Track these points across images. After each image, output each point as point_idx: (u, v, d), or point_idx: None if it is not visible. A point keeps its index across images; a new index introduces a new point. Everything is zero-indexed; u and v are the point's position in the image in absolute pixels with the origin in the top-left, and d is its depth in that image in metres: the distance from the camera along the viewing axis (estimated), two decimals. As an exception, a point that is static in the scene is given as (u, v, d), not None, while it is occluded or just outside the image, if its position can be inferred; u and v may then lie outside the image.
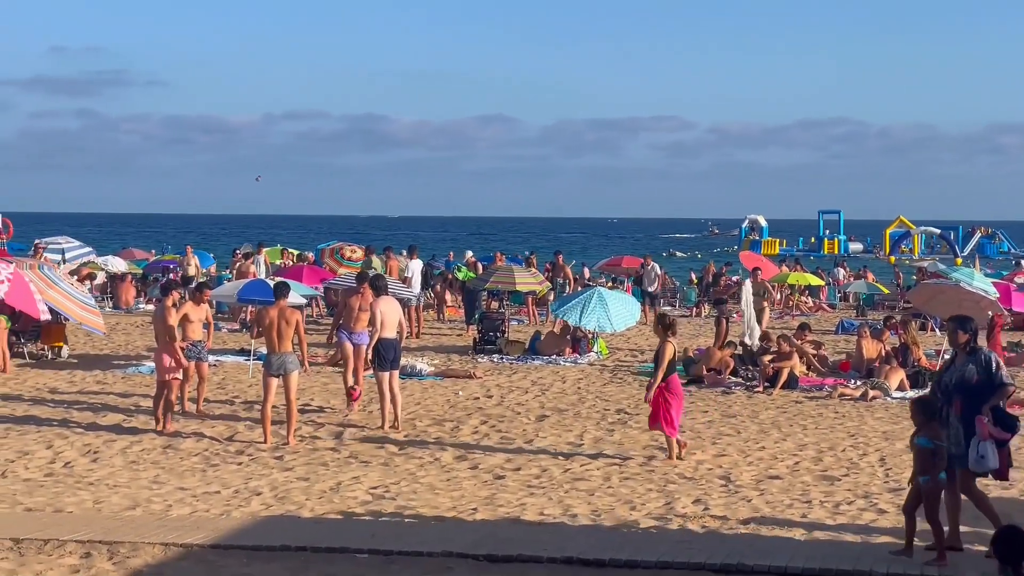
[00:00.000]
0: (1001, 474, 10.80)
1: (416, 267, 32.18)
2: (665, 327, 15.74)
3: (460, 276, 36.16)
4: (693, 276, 45.07)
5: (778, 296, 39.11)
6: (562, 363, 25.20)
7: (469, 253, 47.57)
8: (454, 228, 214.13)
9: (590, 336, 26.37)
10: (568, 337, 26.48)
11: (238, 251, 40.24)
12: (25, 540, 10.87)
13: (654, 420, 15.52)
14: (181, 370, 17.43)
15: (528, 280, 31.09)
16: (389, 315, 17.22)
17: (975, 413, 10.53)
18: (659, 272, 39.19)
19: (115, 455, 15.38)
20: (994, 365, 10.80)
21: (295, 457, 15.34)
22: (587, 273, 43.53)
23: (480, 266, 38.23)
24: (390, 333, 17.19)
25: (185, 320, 18.22)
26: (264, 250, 38.31)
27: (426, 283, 34.25)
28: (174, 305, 17.90)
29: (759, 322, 25.79)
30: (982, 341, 19.95)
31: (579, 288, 32.09)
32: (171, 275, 38.23)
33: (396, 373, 17.38)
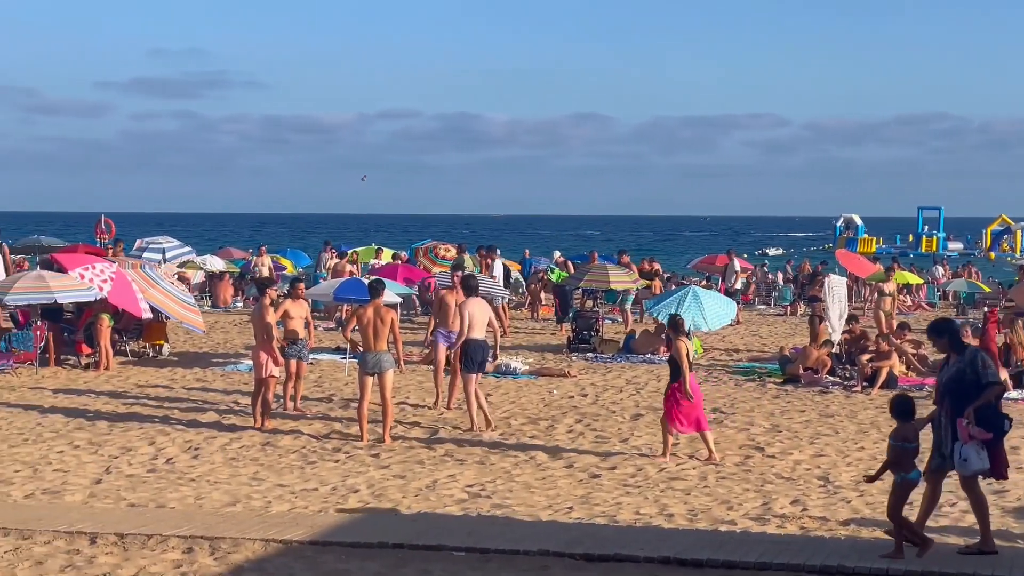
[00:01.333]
0: (998, 473, 10.72)
1: (497, 267, 32.33)
2: (675, 328, 15.75)
3: (553, 277, 36.15)
4: (780, 275, 44.64)
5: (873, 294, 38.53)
6: (657, 362, 25.08)
7: (557, 253, 47.43)
8: (547, 227, 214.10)
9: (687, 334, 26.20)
10: (663, 336, 26.33)
11: (331, 248, 40.52)
12: (129, 535, 11.06)
13: (671, 419, 15.36)
14: (278, 368, 17.61)
15: (622, 278, 30.97)
16: (478, 316, 17.19)
17: (961, 414, 10.43)
18: (737, 269, 38.88)
19: (215, 452, 15.60)
20: (981, 364, 10.63)
21: (391, 455, 15.45)
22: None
23: (571, 265, 38.20)
24: (478, 334, 17.19)
25: (286, 317, 18.44)
26: (330, 248, 38.67)
27: (506, 283, 34.29)
28: (272, 304, 18.09)
29: (882, 325, 25.60)
30: (976, 340, 19.78)
31: (672, 287, 31.95)
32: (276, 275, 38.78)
33: (479, 375, 17.39)
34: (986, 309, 25.22)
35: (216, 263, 41.61)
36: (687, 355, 15.41)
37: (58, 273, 23.87)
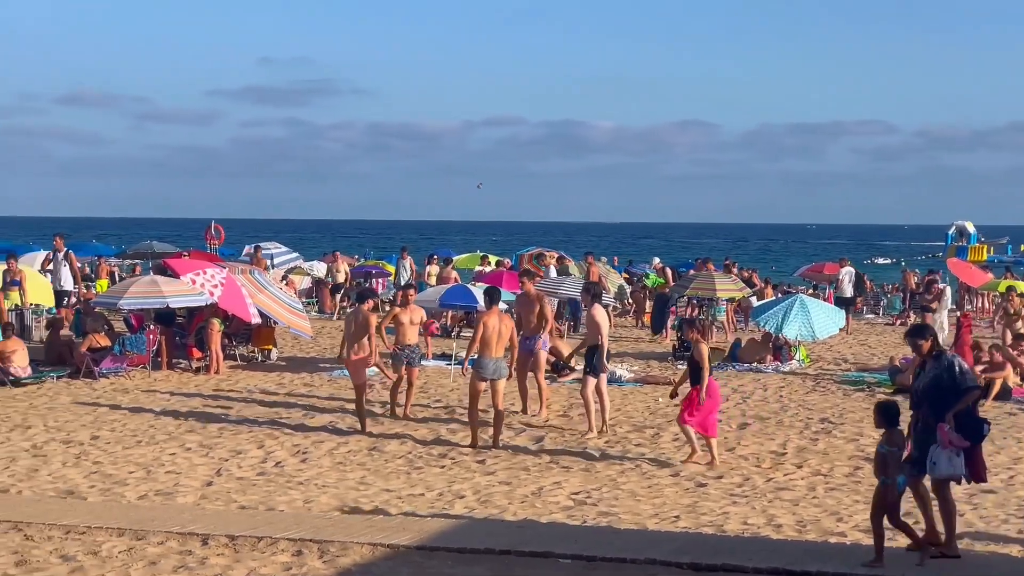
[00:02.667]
0: (978, 477, 10.86)
1: (551, 271, 32.40)
2: (698, 331, 16.01)
3: (649, 283, 36.00)
4: (886, 285, 43.91)
5: (987, 305, 37.86)
6: (763, 371, 24.85)
7: (656, 259, 47.24)
8: (648, 233, 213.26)
9: (792, 344, 25.94)
10: (770, 344, 26.11)
11: (435, 257, 40.79)
12: (240, 537, 11.21)
13: (683, 414, 15.44)
14: (364, 374, 17.66)
15: (729, 287, 30.75)
16: (603, 322, 17.30)
17: (941, 419, 10.51)
18: (851, 277, 38.34)
19: (323, 456, 15.76)
20: (958, 369, 10.76)
21: (497, 461, 15.48)
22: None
23: (669, 272, 38.02)
24: (603, 340, 17.24)
25: (397, 324, 18.62)
26: (407, 254, 38.90)
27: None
28: (372, 310, 18.10)
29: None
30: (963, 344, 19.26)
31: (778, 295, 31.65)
32: (374, 280, 39.08)
33: (604, 378, 17.41)
34: (959, 315, 25.23)
35: (322, 269, 42.04)
36: (708, 359, 15.48)
37: (170, 278, 24.30)
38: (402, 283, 37.65)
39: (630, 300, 37.06)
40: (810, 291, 38.82)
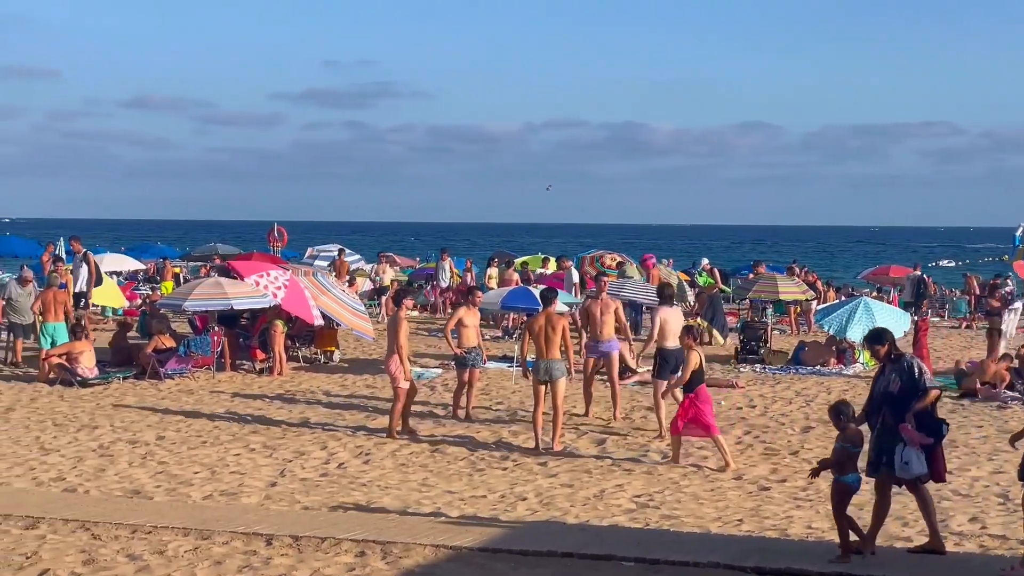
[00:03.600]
0: (938, 476, 10.98)
1: (574, 275, 32.45)
2: (692, 338, 15.84)
3: (700, 282, 35.82)
4: (951, 290, 43.38)
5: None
6: (827, 374, 24.66)
7: (705, 260, 46.94)
8: (706, 236, 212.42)
9: (856, 347, 25.71)
10: (833, 347, 25.91)
11: (496, 259, 40.81)
12: (304, 537, 11.28)
13: (676, 429, 15.47)
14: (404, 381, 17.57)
15: (791, 289, 30.56)
16: (672, 324, 17.21)
17: (901, 420, 10.67)
18: (914, 283, 37.99)
19: (385, 457, 15.82)
20: (916, 371, 10.94)
21: (559, 463, 15.47)
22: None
23: (718, 273, 37.80)
24: (672, 342, 17.15)
25: (460, 325, 18.64)
26: (447, 256, 38.93)
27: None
28: (406, 313, 17.91)
29: None
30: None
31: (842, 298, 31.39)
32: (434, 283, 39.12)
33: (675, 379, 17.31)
34: (917, 319, 25.15)
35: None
36: (701, 365, 15.55)
37: (234, 280, 24.50)
38: (443, 285, 37.82)
39: (694, 301, 36.86)
40: (874, 294, 38.49)
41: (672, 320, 17.31)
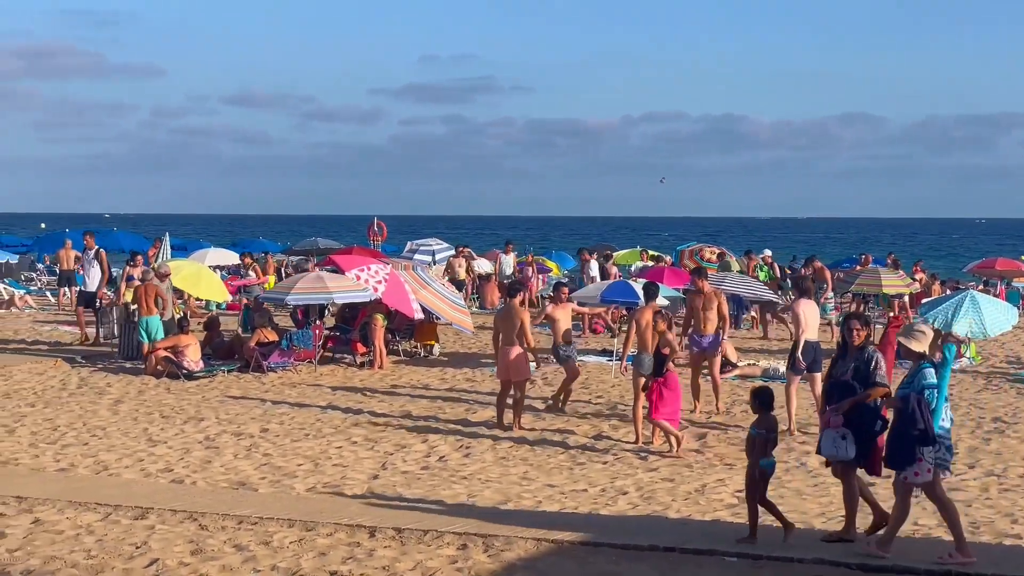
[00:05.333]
0: (872, 469, 11.05)
1: (592, 267, 32.24)
2: (666, 322, 16.17)
3: (762, 276, 35.41)
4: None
5: None
6: (931, 368, 24.23)
7: (768, 252, 46.26)
8: (805, 230, 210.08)
9: (962, 341, 25.26)
10: (938, 342, 25.47)
11: (595, 253, 40.73)
12: (406, 530, 11.37)
13: (656, 414, 15.65)
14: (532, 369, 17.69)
15: (895, 282, 30.10)
16: (811, 317, 17.06)
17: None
18: None
19: (486, 451, 15.88)
20: (872, 364, 11.06)
21: (659, 458, 15.41)
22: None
23: (777, 266, 37.37)
24: (812, 335, 17.02)
25: (552, 320, 18.67)
26: (511, 249, 38.82)
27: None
28: (522, 304, 18.06)
29: None
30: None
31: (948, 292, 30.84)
32: (534, 277, 39.15)
33: (818, 376, 17.02)
34: (891, 314, 25.30)
35: (484, 265, 42.31)
36: (672, 351, 15.83)
37: (336, 274, 24.73)
38: (505, 276, 37.78)
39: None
40: (980, 287, 37.78)
41: (811, 313, 17.14)
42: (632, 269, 37.60)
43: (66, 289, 37.92)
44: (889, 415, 10.81)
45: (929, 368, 10.57)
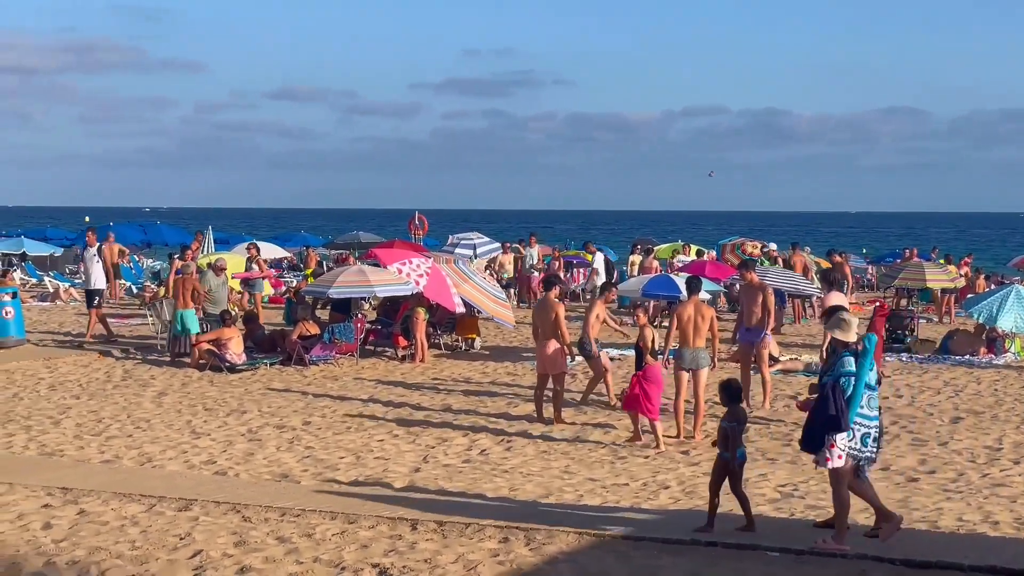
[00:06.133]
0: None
1: (598, 260, 32.06)
2: (646, 315, 16.81)
3: None
4: None
5: None
6: (977, 364, 24.08)
7: (773, 245, 45.85)
8: (848, 223, 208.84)
9: (1007, 336, 25.08)
10: (983, 337, 25.30)
11: (638, 247, 40.63)
12: (448, 523, 11.39)
13: (631, 405, 15.78)
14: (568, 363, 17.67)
15: (940, 277, 29.91)
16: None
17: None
18: None
19: (527, 444, 15.89)
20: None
21: (701, 452, 15.37)
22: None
23: (781, 261, 37.12)
24: None
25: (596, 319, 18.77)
26: (536, 241, 38.66)
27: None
28: (557, 298, 18.01)
29: None
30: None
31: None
32: (574, 271, 39.12)
33: None
34: (877, 304, 24.77)
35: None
36: (652, 342, 15.92)
37: (377, 268, 24.79)
38: (528, 268, 37.67)
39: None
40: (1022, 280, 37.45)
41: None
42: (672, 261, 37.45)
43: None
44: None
45: (849, 356, 10.59)
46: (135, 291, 38.62)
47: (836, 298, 17.10)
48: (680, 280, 25.01)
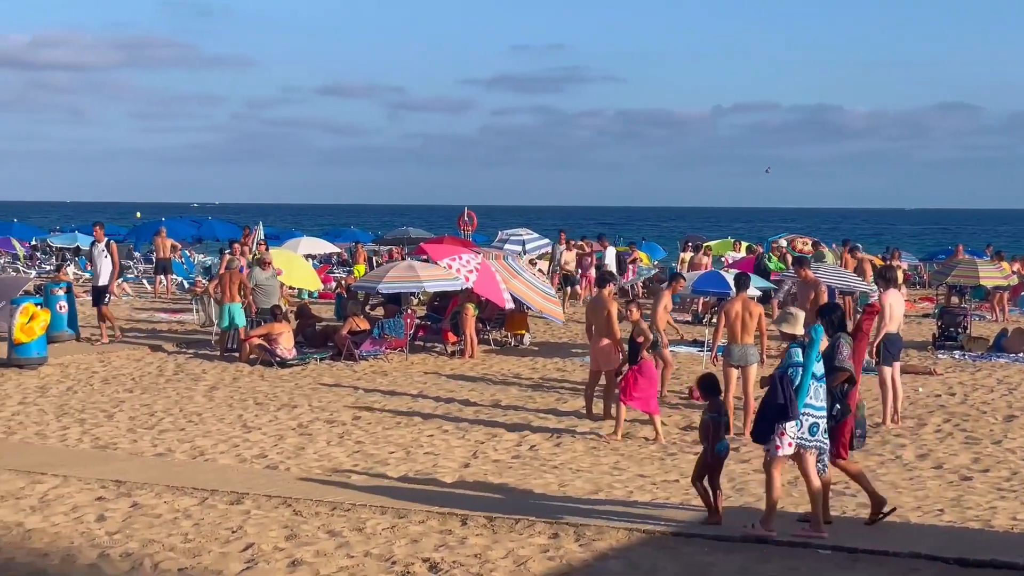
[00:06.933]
0: (835, 454, 11.21)
1: (609, 254, 31.84)
2: (639, 309, 16.71)
3: (771, 266, 34.88)
4: None
5: None
6: (1031, 361, 23.83)
7: (783, 241, 45.53)
8: (897, 221, 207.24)
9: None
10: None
11: (690, 244, 40.51)
12: (498, 518, 11.40)
13: (625, 394, 15.80)
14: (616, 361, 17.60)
15: (993, 274, 29.61)
16: (897, 308, 16.86)
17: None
18: None
19: (576, 440, 15.87)
20: (838, 348, 11.34)
21: (751, 449, 15.26)
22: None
23: (790, 257, 36.78)
24: (895, 327, 16.81)
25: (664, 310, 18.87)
26: (565, 238, 38.48)
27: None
28: (611, 296, 18.00)
29: None
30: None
31: None
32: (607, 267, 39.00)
33: (899, 366, 17.08)
34: (868, 302, 24.36)
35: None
36: (646, 339, 15.95)
37: (427, 263, 24.85)
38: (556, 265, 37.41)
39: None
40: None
41: (897, 304, 16.92)
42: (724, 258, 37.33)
43: (162, 277, 38.56)
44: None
45: (796, 348, 10.88)
46: (186, 286, 38.93)
47: (893, 296, 16.93)
48: (730, 277, 24.93)
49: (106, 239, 25.77)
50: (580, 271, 36.79)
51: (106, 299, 25.07)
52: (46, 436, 15.96)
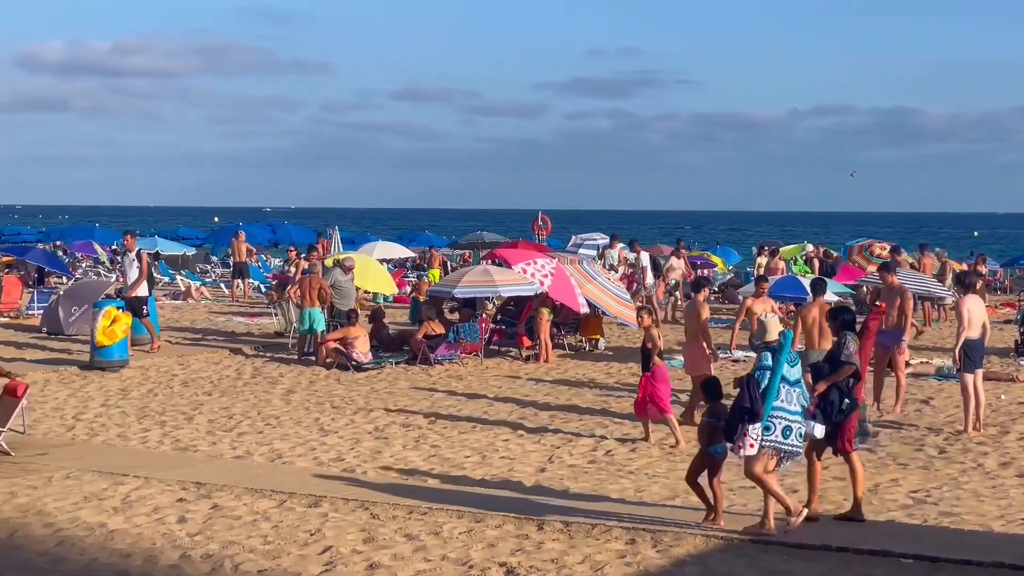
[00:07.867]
0: (840, 448, 11.83)
1: (644, 258, 31.46)
2: (651, 317, 16.69)
3: (795, 270, 34.42)
4: None
5: None
6: (1115, 368, 23.37)
7: (810, 247, 44.89)
8: (978, 224, 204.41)
9: None
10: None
11: (766, 248, 40.21)
12: (574, 524, 11.38)
13: (641, 410, 16.01)
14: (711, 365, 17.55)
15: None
16: (976, 313, 16.57)
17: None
18: None
19: (653, 445, 15.81)
20: (843, 344, 11.78)
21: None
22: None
23: (817, 263, 36.27)
24: (976, 333, 16.56)
25: (750, 314, 18.72)
26: (617, 243, 38.14)
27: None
28: (706, 300, 17.97)
29: None
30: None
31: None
32: (701, 272, 38.79)
33: (981, 373, 16.80)
34: (873, 305, 23.79)
35: (644, 260, 42.01)
36: (658, 344, 16.16)
37: (502, 268, 24.87)
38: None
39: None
40: None
41: (976, 309, 16.65)
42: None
43: (239, 280, 38.94)
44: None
45: (766, 352, 11.16)
46: (263, 290, 39.28)
47: (972, 301, 16.67)
48: (806, 282, 24.72)
49: (137, 248, 24.71)
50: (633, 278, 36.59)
51: (144, 310, 23.97)
52: (128, 438, 16.19)
